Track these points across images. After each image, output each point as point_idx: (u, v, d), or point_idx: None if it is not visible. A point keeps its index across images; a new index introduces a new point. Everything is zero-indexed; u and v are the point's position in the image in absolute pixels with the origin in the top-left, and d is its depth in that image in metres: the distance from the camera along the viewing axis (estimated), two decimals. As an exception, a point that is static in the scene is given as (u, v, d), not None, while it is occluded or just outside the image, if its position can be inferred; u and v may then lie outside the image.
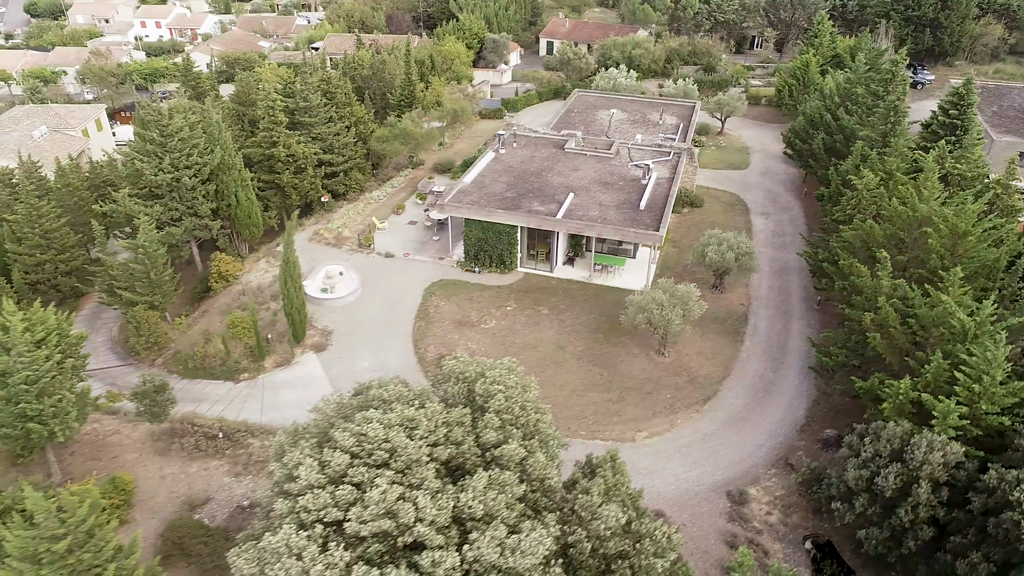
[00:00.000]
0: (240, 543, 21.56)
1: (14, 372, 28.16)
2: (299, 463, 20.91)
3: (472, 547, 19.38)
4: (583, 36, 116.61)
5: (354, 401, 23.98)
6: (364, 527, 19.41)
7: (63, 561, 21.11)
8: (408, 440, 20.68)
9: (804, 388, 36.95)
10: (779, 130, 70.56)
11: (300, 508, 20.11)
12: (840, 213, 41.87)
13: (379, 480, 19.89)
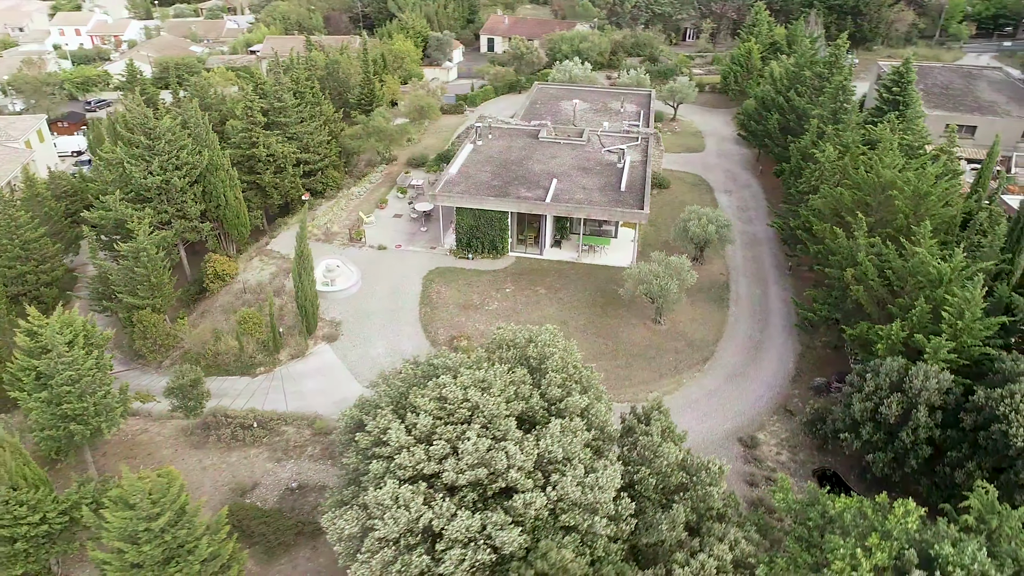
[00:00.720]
0: (330, 509, 22.94)
1: (55, 374, 28.40)
2: (387, 428, 22.43)
3: (556, 487, 21.40)
4: (523, 32, 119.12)
5: (417, 371, 25.51)
6: (461, 476, 21.16)
7: (160, 539, 22.04)
8: (488, 397, 22.49)
9: (789, 344, 40.42)
10: (727, 115, 75.01)
11: (395, 467, 21.67)
12: (805, 185, 45.67)
13: (469, 433, 21.65)
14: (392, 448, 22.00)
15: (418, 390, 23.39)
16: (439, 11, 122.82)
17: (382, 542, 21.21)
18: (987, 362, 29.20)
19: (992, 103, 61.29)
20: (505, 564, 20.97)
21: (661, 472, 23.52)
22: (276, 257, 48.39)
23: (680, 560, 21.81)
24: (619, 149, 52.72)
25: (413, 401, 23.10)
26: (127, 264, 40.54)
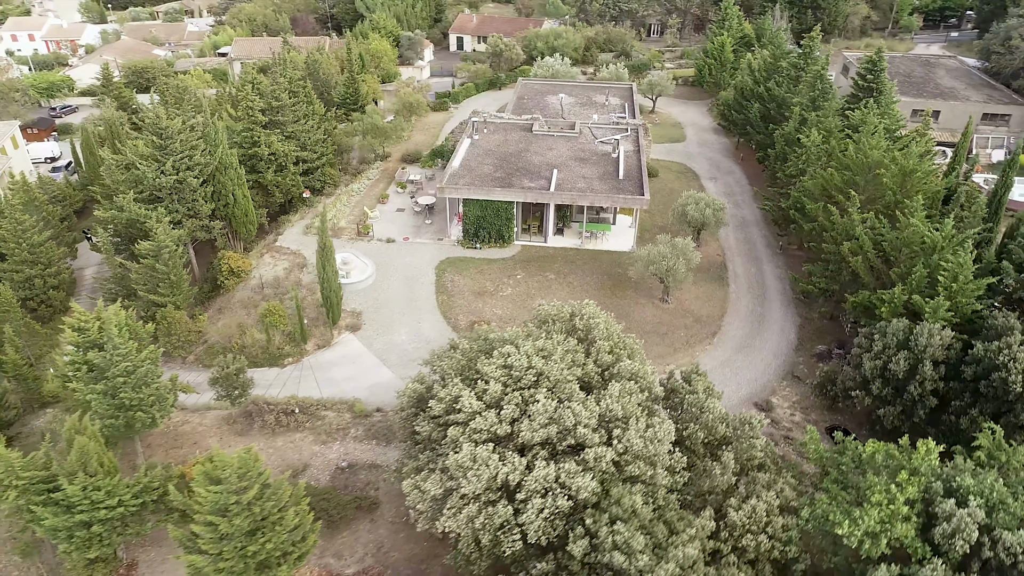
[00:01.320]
0: (409, 475, 24.47)
1: (111, 366, 29.16)
2: (458, 396, 24.06)
3: (621, 440, 23.35)
4: (492, 30, 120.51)
5: (474, 345, 27.13)
6: (534, 435, 22.95)
7: (248, 511, 23.26)
8: (551, 364, 24.30)
9: (789, 316, 43.14)
10: (702, 106, 78.04)
11: (470, 431, 23.32)
12: (792, 168, 48.54)
13: (538, 395, 23.45)
14: (466, 414, 23.64)
15: (484, 360, 25.07)
16: (407, 11, 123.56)
17: (465, 499, 22.87)
18: (978, 319, 32.14)
19: (952, 89, 65.38)
20: (578, 512, 22.82)
21: (708, 426, 25.66)
22: (287, 253, 49.26)
23: (734, 504, 23.96)
24: (613, 140, 54.96)
25: (480, 370, 24.77)
26: (148, 263, 41.13)
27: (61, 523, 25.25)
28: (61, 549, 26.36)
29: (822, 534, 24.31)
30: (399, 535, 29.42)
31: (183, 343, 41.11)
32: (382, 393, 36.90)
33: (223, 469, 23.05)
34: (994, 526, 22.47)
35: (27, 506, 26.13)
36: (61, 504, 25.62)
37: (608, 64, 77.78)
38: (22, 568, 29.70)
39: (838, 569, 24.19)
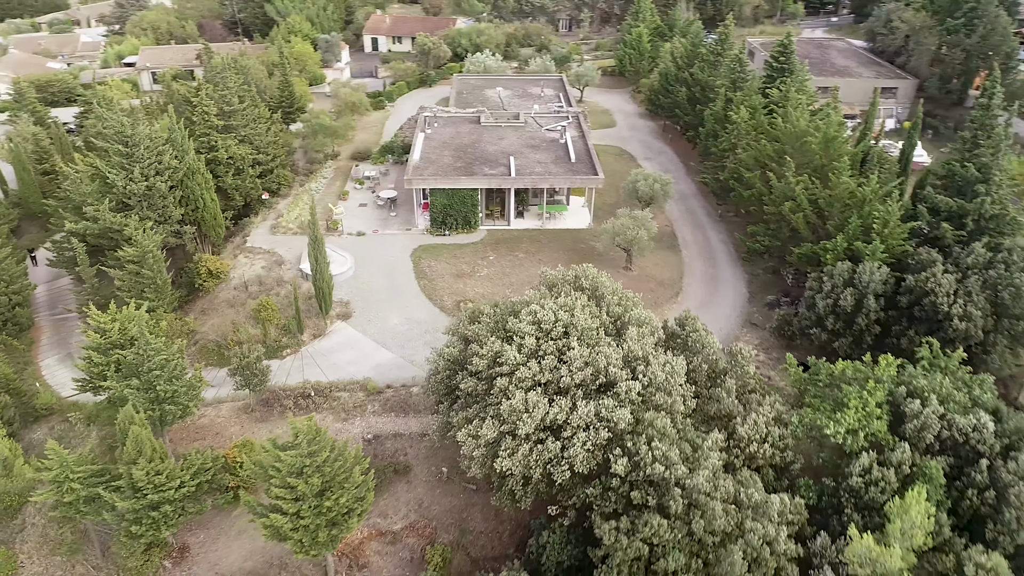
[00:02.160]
0: (461, 426, 27.26)
1: (144, 362, 30.26)
2: (500, 351, 27.03)
3: (645, 375, 27.02)
4: (405, 30, 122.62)
5: (496, 311, 30.10)
6: (573, 377, 26.25)
7: (320, 471, 25.43)
8: (576, 316, 27.68)
9: (738, 274, 48.27)
10: (624, 94, 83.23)
11: (516, 380, 26.38)
12: (725, 143, 53.85)
13: (572, 343, 26.78)
14: (510, 366, 26.65)
15: (514, 319, 28.12)
16: (319, 13, 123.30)
17: (518, 439, 25.92)
18: (906, 257, 37.86)
19: (847, 67, 73.12)
20: (616, 441, 26.30)
21: (710, 359, 29.75)
22: (260, 253, 50.25)
23: (739, 421, 28.12)
24: (559, 127, 58.78)
25: (512, 328, 27.82)
26: (132, 268, 41.55)
27: (130, 506, 26.44)
28: (124, 535, 27.48)
29: (810, 438, 28.89)
30: (435, 491, 32.03)
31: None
32: (387, 372, 39.16)
33: (294, 436, 25.11)
34: (947, 413, 27.61)
35: (82, 499, 27.17)
36: (125, 490, 26.81)
37: (535, 58, 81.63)
38: (65, 568, 30.33)
39: (826, 464, 28.84)
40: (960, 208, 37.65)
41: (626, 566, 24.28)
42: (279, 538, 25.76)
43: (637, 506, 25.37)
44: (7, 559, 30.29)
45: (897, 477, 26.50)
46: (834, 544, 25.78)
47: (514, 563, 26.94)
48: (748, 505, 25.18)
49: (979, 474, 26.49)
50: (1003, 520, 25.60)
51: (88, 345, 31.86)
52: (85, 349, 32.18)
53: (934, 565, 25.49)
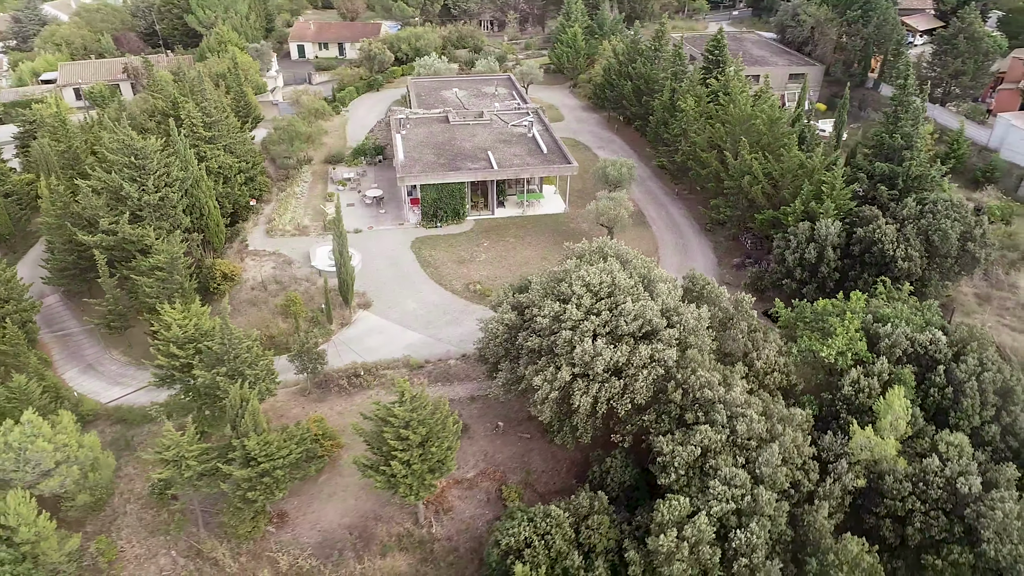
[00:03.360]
0: (536, 375, 31.97)
1: (230, 349, 33.23)
2: (562, 310, 31.93)
3: (680, 322, 32.64)
4: (330, 36, 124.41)
5: (544, 279, 34.90)
6: (627, 327, 31.51)
7: (426, 423, 29.61)
8: (619, 276, 32.98)
9: (704, 243, 54.97)
10: (563, 89, 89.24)
11: (580, 332, 31.40)
12: (676, 128, 60.53)
13: (621, 299, 32.05)
14: (573, 321, 31.59)
15: (565, 284, 33.08)
16: (242, 23, 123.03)
17: (588, 380, 30.94)
18: (851, 215, 45.28)
19: (763, 57, 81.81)
20: (667, 376, 31.76)
21: (723, 308, 35.72)
22: (264, 255, 52.75)
23: (755, 356, 34.24)
24: (526, 122, 63.88)
25: (564, 291, 32.78)
26: (161, 275, 43.65)
27: (246, 475, 29.65)
28: (238, 503, 30.58)
29: (807, 363, 35.39)
30: (495, 443, 36.56)
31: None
32: (419, 350, 43.14)
33: (400, 395, 29.17)
34: (908, 332, 34.70)
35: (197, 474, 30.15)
36: (239, 461, 29.99)
37: (480, 59, 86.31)
38: (168, 545, 32.88)
39: (822, 383, 35.40)
40: (891, 171, 45.46)
41: (684, 467, 29.76)
42: (390, 487, 29.69)
43: (687, 424, 30.94)
44: (108, 545, 32.56)
45: (879, 384, 33.30)
46: (838, 441, 32.26)
47: (585, 487, 31.90)
48: (777, 416, 31.24)
49: (938, 376, 33.67)
50: (961, 408, 32.84)
51: (167, 340, 34.31)
52: (162, 345, 34.58)
53: (914, 447, 32.40)
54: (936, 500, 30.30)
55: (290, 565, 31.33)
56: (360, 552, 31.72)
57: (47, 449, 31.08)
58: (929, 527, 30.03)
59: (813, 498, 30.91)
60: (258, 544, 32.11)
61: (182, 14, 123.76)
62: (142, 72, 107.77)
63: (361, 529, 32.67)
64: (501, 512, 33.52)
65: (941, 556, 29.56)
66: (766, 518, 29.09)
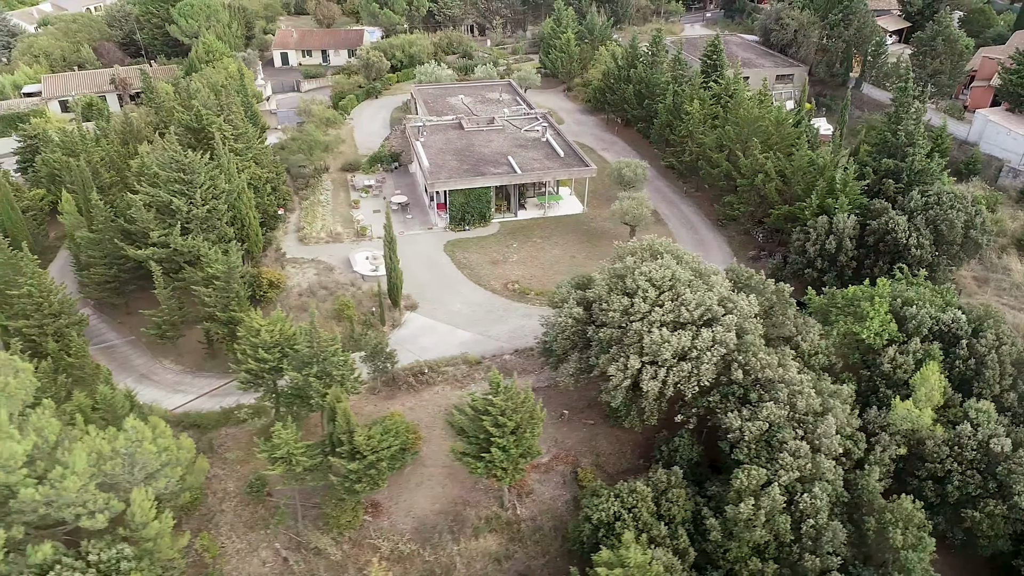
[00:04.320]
0: (608, 363, 34.81)
1: (319, 352, 35.27)
2: (631, 303, 34.83)
3: (737, 309, 35.83)
4: (314, 44, 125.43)
5: (605, 276, 37.73)
6: (689, 315, 34.56)
7: (519, 410, 32.15)
8: (677, 270, 36.03)
9: (718, 237, 58.51)
10: (558, 93, 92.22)
11: (647, 322, 34.36)
12: (683, 130, 64.00)
13: (684, 290, 35.09)
14: (642, 312, 34.51)
15: (629, 279, 35.98)
16: (224, 31, 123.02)
17: (657, 366, 33.91)
18: (861, 208, 49.18)
19: (749, 59, 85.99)
20: (728, 359, 34.91)
21: (768, 297, 39.03)
22: (303, 262, 54.45)
23: (797, 341, 37.66)
24: (539, 127, 66.63)
25: (631, 285, 35.68)
26: (220, 285, 45.22)
27: (355, 467, 31.82)
28: (344, 493, 32.71)
29: (845, 344, 38.94)
30: (562, 430, 39.30)
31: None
32: (472, 347, 45.56)
33: (495, 387, 31.73)
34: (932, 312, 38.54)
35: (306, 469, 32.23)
36: (345, 455, 32.16)
37: (479, 66, 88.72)
38: (268, 539, 34.79)
39: (858, 362, 38.96)
40: (895, 167, 49.54)
41: (753, 442, 32.95)
42: (487, 472, 32.21)
43: (751, 402, 34.14)
44: (210, 541, 34.35)
45: (912, 361, 37.01)
46: (881, 413, 35.85)
47: (656, 466, 34.85)
48: (827, 392, 34.67)
49: (961, 350, 37.54)
50: (983, 378, 36.75)
51: (255, 345, 36.13)
52: (250, 350, 36.37)
53: (946, 415, 36.18)
54: (971, 461, 34.07)
55: (391, 550, 33.59)
56: (456, 534, 34.14)
57: (152, 452, 32.76)
58: (966, 484, 33.78)
59: (863, 464, 34.42)
60: (358, 532, 34.26)
61: (163, 24, 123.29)
62: (130, 83, 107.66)
63: (453, 514, 35.10)
64: (577, 493, 36.33)
65: (978, 509, 33.33)
66: (826, 483, 32.48)
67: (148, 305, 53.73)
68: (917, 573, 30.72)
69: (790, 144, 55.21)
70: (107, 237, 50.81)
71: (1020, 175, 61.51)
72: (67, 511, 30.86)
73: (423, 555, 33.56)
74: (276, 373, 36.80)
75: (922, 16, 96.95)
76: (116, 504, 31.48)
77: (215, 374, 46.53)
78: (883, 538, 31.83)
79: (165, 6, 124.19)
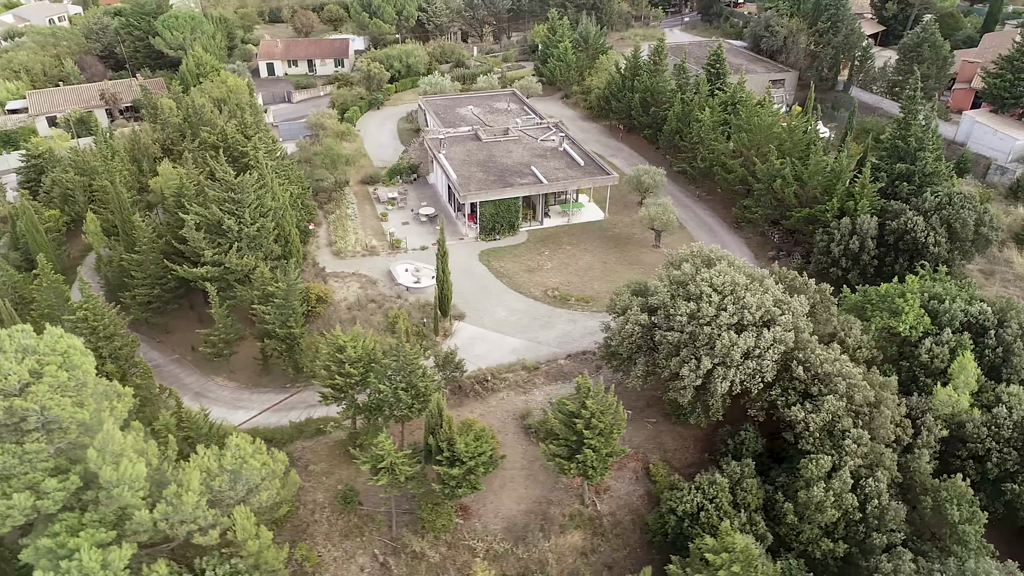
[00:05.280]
0: (680, 366, 37.27)
1: (407, 364, 36.97)
2: (696, 309, 37.36)
3: (790, 310, 38.64)
4: (299, 54, 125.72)
5: (665, 283, 40.20)
6: (751, 317, 37.23)
7: (607, 412, 34.42)
8: (735, 276, 38.70)
9: (736, 239, 61.58)
10: (555, 100, 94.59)
11: (716, 325, 36.92)
12: (695, 137, 66.97)
13: (745, 295, 37.75)
14: (709, 316, 37.04)
15: (692, 285, 38.50)
16: (209, 43, 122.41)
17: (727, 366, 36.50)
18: (880, 209, 52.61)
19: (740, 64, 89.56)
20: (788, 356, 37.69)
21: (810, 296, 41.94)
22: (343, 276, 55.77)
23: (842, 336, 40.67)
24: (556, 137, 68.91)
25: (694, 291, 38.20)
26: (279, 302, 46.42)
27: (456, 472, 33.67)
28: (443, 496, 34.52)
29: (883, 338, 42.10)
30: (628, 429, 41.46)
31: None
32: (525, 353, 47.61)
33: (585, 391, 33.93)
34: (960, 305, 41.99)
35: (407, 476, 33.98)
36: (444, 461, 34.01)
37: (482, 76, 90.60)
38: (365, 546, 36.38)
39: (895, 353, 42.17)
40: (907, 170, 53.14)
41: (817, 431, 35.79)
42: (579, 472, 34.39)
43: (811, 396, 36.98)
44: (309, 551, 35.82)
45: (947, 351, 40.33)
46: (923, 400, 39.07)
47: (727, 459, 37.44)
48: (877, 384, 37.70)
49: (990, 340, 41.02)
50: (1011, 364, 40.29)
51: (340, 360, 37.63)
52: (335, 365, 37.84)
53: (981, 400, 39.57)
54: (1008, 439, 37.46)
55: (486, 550, 35.52)
56: (546, 532, 36.23)
57: (256, 467, 34.12)
58: (1004, 461, 37.17)
59: (912, 449, 37.56)
60: (452, 535, 36.09)
61: (144, 36, 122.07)
62: (120, 98, 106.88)
63: (540, 513, 37.18)
64: (650, 488, 38.75)
65: (1017, 483, 36.73)
66: (884, 468, 35.50)
67: (185, 324, 54.74)
68: (973, 544, 33.97)
69: (802, 149, 58.53)
70: (150, 258, 51.56)
71: (1007, 172, 66.03)
72: (180, 528, 32.13)
73: (516, 553, 35.59)
74: (360, 387, 38.39)
75: (896, 20, 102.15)
76: (225, 520, 32.91)
77: (272, 389, 47.79)
78: (938, 514, 34.96)
79: (147, 19, 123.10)
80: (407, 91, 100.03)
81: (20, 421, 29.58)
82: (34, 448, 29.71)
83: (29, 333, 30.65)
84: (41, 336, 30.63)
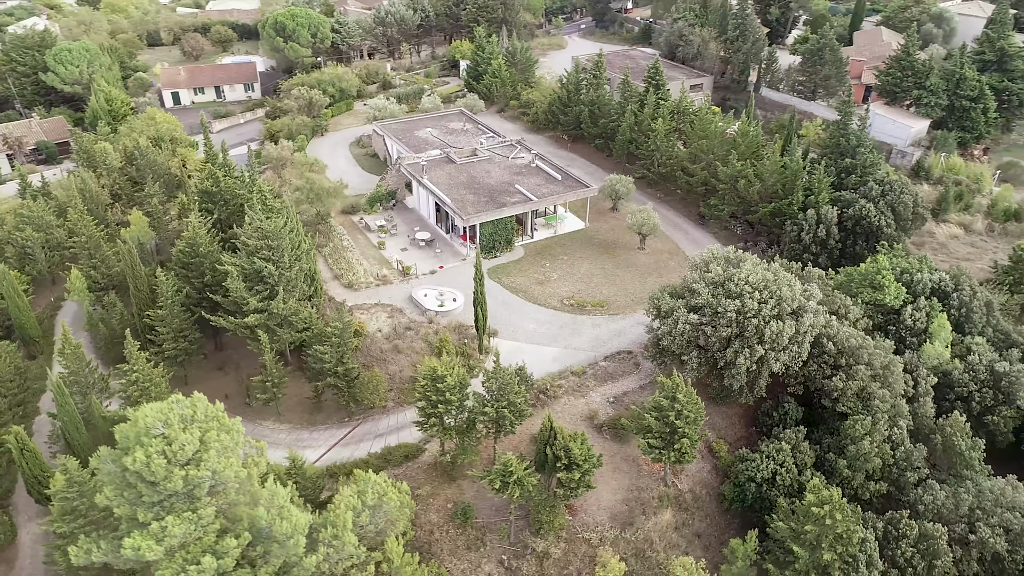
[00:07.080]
0: (738, 353, 43.32)
1: (502, 387, 40.51)
2: (741, 305, 43.55)
3: (812, 296, 45.75)
4: (204, 81, 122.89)
5: (703, 285, 46.11)
6: (788, 307, 43.89)
7: (693, 404, 39.85)
8: (768, 274, 45.30)
9: (704, 235, 68.93)
10: (493, 114, 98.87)
11: (761, 318, 43.29)
12: (652, 145, 73.82)
13: (777, 288, 44.37)
14: (753, 311, 43.24)
15: (732, 283, 44.64)
16: (105, 74, 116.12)
17: (776, 351, 42.94)
18: (834, 200, 61.38)
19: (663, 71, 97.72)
20: (819, 336, 44.70)
21: (813, 282, 49.37)
22: (366, 308, 57.58)
23: (843, 312, 48.38)
24: (528, 154, 73.40)
25: (735, 289, 44.38)
26: (335, 341, 48.18)
27: (574, 476, 37.80)
28: (563, 498, 38.50)
29: (872, 308, 50.28)
30: (681, 415, 47.14)
31: (382, 394, 49.48)
32: (565, 360, 52.11)
33: (671, 390, 39.14)
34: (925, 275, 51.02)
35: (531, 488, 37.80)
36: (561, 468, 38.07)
37: (424, 96, 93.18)
38: (489, 555, 39.66)
39: (881, 321, 50.42)
40: (851, 164, 62.31)
41: (853, 396, 43.05)
42: (676, 459, 39.51)
43: (841, 367, 44.17)
44: (439, 567, 38.71)
45: (924, 315, 49.01)
46: (914, 356, 47.47)
47: (779, 428, 43.90)
48: (883, 348, 45.57)
49: (953, 302, 50.19)
50: (971, 320, 49.63)
51: (441, 388, 40.48)
52: (435, 394, 40.62)
53: (955, 351, 48.55)
54: (983, 380, 46.49)
55: (600, 539, 39.92)
56: (647, 514, 41.12)
57: (394, 499, 36.68)
58: (984, 399, 46.13)
59: (916, 398, 45.74)
60: (567, 532, 40.16)
61: (32, 72, 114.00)
62: (25, 141, 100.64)
63: (634, 499, 42.00)
64: (715, 463, 44.64)
65: (995, 415, 45.80)
66: (903, 416, 43.34)
67: (203, 374, 54.90)
68: (977, 465, 42.39)
69: (754, 151, 66.62)
70: (173, 312, 51.48)
71: (907, 155, 77.84)
72: (338, 567, 34.50)
73: (625, 537, 40.25)
74: (458, 410, 41.45)
75: (778, 23, 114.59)
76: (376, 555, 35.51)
77: (330, 425, 49.49)
78: (945, 448, 43.19)
79: (31, 52, 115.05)
80: (342, 115, 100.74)
81: (194, 488, 30.91)
82: (207, 513, 31.17)
83: (184, 403, 31.85)
84: (194, 403, 31.87)
